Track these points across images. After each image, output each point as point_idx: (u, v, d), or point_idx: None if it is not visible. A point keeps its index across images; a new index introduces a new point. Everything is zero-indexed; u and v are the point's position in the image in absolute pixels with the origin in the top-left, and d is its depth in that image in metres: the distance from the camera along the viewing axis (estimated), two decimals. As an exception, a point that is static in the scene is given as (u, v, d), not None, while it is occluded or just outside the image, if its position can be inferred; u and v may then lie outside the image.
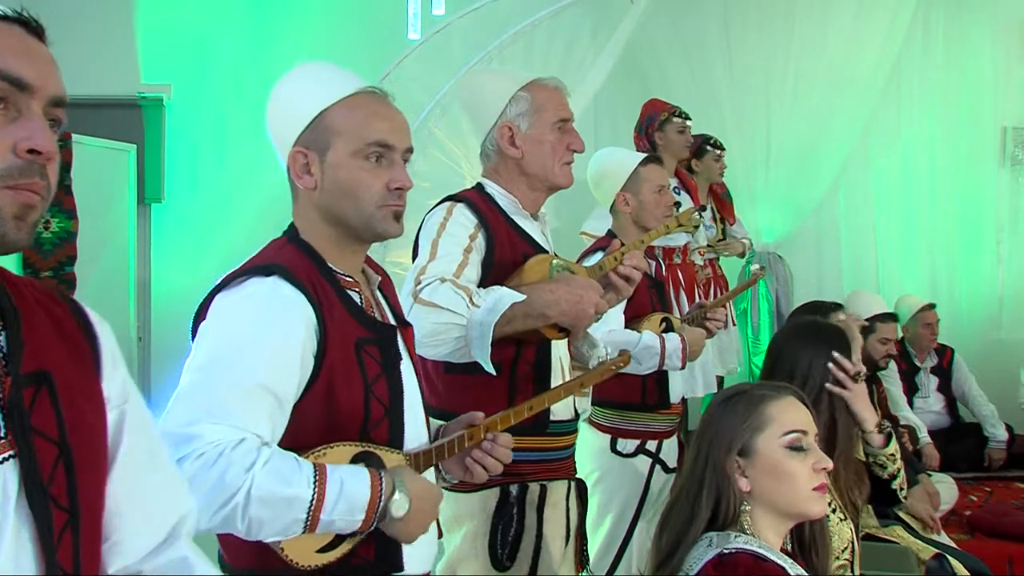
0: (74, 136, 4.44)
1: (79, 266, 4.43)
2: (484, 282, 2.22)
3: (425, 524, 1.59)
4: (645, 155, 3.32)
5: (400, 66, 4.58)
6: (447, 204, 2.30)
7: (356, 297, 1.67)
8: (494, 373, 2.08)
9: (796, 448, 1.78)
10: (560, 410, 2.36)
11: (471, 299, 2.09)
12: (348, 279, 1.68)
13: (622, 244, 2.54)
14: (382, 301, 1.77)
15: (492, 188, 2.39)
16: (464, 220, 2.26)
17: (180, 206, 5.34)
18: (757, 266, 4.62)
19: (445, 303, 2.07)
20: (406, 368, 1.71)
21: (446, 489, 2.28)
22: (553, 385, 2.32)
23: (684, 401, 4.17)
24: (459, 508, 2.31)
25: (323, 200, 1.65)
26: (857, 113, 5.48)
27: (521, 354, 2.25)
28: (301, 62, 1.76)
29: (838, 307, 3.54)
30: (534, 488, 2.31)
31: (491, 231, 2.27)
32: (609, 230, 3.27)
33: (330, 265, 1.66)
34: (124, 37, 5.31)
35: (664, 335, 3.03)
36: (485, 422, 1.73)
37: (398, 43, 4.73)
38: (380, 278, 1.78)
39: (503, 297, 2.10)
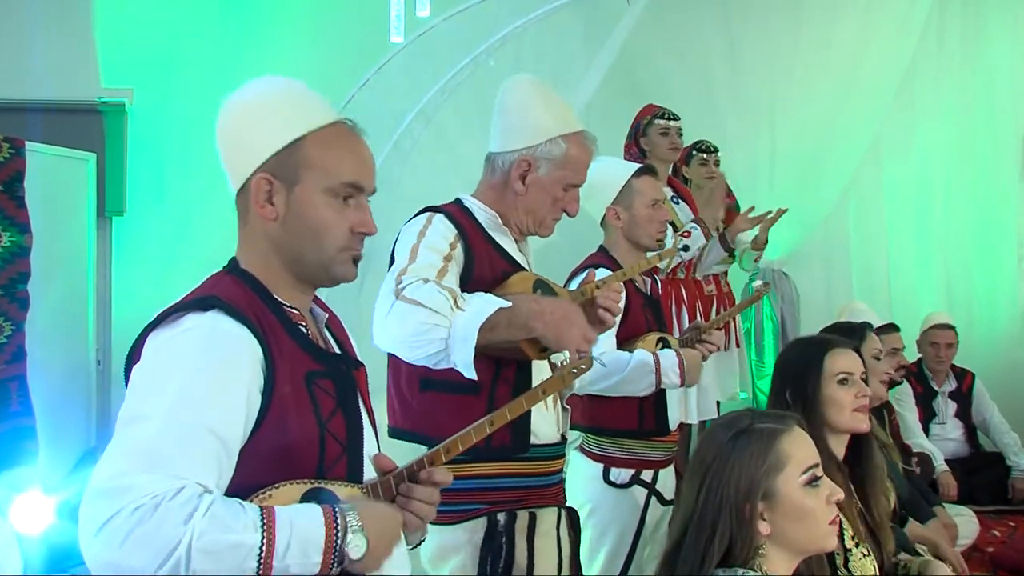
0: (28, 144, 4.45)
1: (33, 284, 4.43)
2: None
3: (389, 551, 1.58)
4: (639, 166, 3.34)
5: (382, 71, 4.63)
6: (426, 214, 2.39)
7: (303, 330, 1.67)
8: (475, 378, 2.11)
9: (813, 483, 1.84)
10: (545, 433, 2.42)
11: (456, 301, 2.13)
12: (295, 311, 1.68)
13: (600, 265, 2.60)
14: (331, 340, 1.77)
15: (471, 203, 2.49)
16: (444, 229, 2.35)
17: (143, 219, 5.35)
18: (760, 282, 4.64)
19: (429, 302, 2.11)
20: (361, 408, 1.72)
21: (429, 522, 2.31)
22: (535, 408, 2.37)
23: (681, 428, 4.21)
24: (444, 541, 2.35)
25: (281, 234, 1.66)
26: (867, 119, 5.50)
27: (501, 374, 2.31)
28: (270, 64, 1.77)
29: (868, 327, 3.59)
30: (523, 516, 2.35)
31: (470, 243, 2.36)
32: (601, 246, 3.30)
33: (276, 296, 1.65)
34: (82, 38, 5.30)
35: (658, 352, 3.04)
36: (445, 443, 1.70)
37: (380, 46, 4.78)
38: (327, 315, 1.79)
39: (489, 301, 2.15)
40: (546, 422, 2.44)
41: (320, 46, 5.31)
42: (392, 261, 2.35)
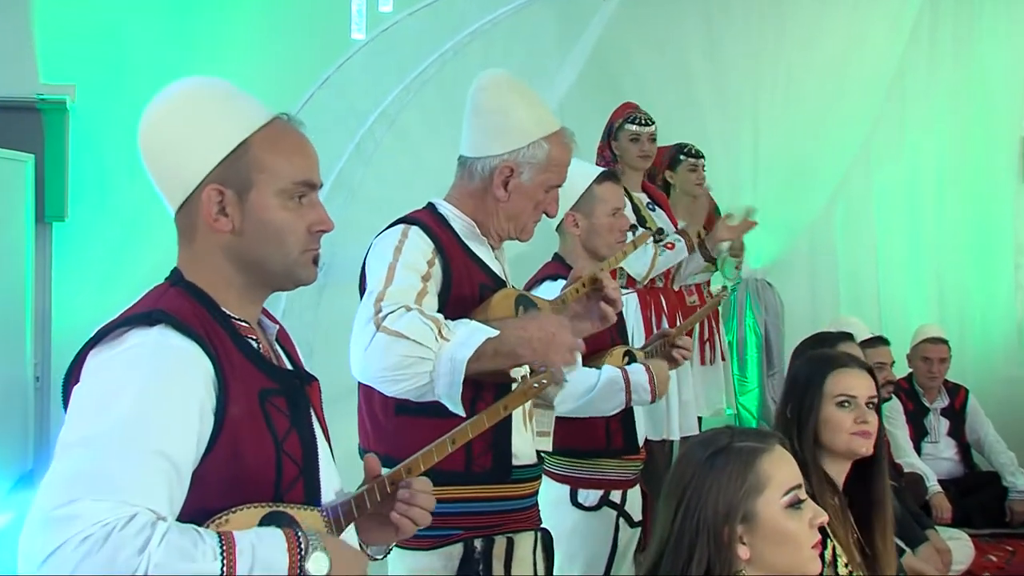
0: (-40, 144, 4.43)
1: (-35, 294, 4.41)
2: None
3: None
4: (601, 171, 3.34)
5: (342, 69, 4.64)
6: (401, 227, 2.38)
7: (254, 344, 1.67)
8: (463, 414, 2.10)
9: (795, 506, 1.84)
10: (523, 453, 2.44)
11: (440, 331, 2.13)
12: (244, 325, 1.67)
13: (559, 276, 2.61)
14: (281, 353, 1.77)
15: (446, 209, 2.47)
16: (421, 244, 2.34)
17: (85, 225, 5.30)
18: (719, 287, 4.68)
19: (412, 334, 2.10)
20: (315, 426, 1.72)
21: (400, 547, 2.33)
22: (514, 428, 2.40)
23: (662, 445, 4.24)
24: (418, 566, 2.36)
25: (239, 245, 1.64)
26: (856, 120, 5.54)
27: (480, 395, 2.28)
28: (222, 59, 1.75)
29: (847, 337, 3.62)
30: (500, 542, 2.38)
31: (448, 258, 2.35)
32: (556, 254, 3.29)
33: (224, 309, 1.64)
34: (20, 30, 5.25)
35: (627, 367, 3.05)
36: (407, 462, 1.74)
37: (340, 43, 4.78)
38: (277, 328, 1.79)
39: (476, 331, 2.15)
40: (524, 442, 2.45)
41: (277, 42, 5.29)
42: (363, 276, 2.35)
